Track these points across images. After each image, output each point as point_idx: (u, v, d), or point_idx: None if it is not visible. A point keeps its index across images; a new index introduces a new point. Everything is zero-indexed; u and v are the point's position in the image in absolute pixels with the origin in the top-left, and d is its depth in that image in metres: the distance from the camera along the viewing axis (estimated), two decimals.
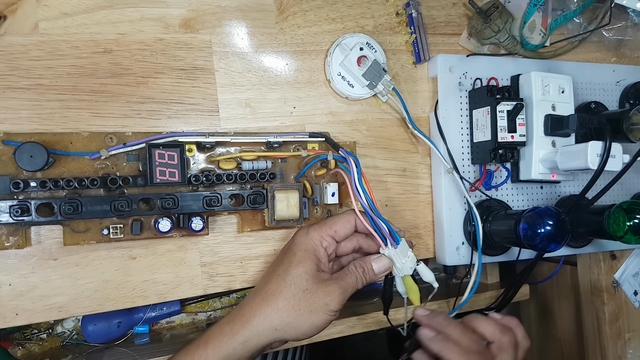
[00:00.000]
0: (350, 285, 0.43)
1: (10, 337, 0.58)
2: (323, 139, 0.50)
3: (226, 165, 0.47)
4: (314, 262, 0.42)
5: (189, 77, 0.48)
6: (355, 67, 0.50)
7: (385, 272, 0.45)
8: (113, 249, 0.46)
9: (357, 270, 0.43)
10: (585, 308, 0.70)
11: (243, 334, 0.40)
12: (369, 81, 0.50)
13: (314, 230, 0.44)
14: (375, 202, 0.44)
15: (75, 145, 0.44)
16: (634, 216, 0.50)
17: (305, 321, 0.41)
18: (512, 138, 0.52)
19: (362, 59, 0.50)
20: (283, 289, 0.41)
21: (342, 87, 0.51)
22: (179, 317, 0.65)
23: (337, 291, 0.41)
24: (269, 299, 0.41)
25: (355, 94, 0.51)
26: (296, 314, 0.41)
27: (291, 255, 0.43)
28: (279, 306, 0.41)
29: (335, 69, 0.51)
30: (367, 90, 0.51)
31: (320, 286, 0.41)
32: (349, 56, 0.50)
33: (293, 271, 0.42)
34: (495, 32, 0.55)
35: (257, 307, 0.41)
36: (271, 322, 0.41)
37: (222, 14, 0.50)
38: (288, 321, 0.41)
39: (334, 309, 0.41)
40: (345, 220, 0.45)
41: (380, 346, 1.04)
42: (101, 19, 0.46)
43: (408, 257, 0.45)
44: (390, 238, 0.44)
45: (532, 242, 0.47)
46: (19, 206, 0.41)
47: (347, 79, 0.51)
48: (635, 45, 0.65)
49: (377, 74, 0.50)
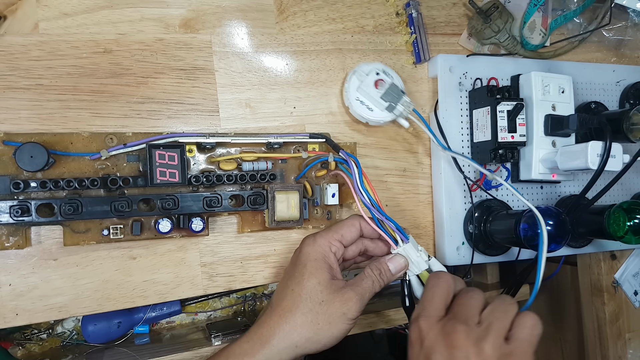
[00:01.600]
0: (367, 289, 0.42)
1: (10, 337, 0.58)
2: (323, 140, 0.50)
3: (226, 166, 0.47)
4: (326, 271, 0.42)
5: (189, 77, 0.48)
6: (373, 90, 0.49)
7: (402, 270, 0.44)
8: (113, 249, 0.46)
9: (373, 272, 0.42)
10: (585, 308, 0.70)
11: (263, 354, 0.40)
12: (388, 103, 0.49)
13: (320, 237, 0.43)
14: (379, 202, 0.44)
15: (75, 146, 0.44)
16: (634, 216, 0.50)
17: (325, 334, 0.40)
18: (512, 138, 0.52)
19: (380, 82, 0.50)
20: (299, 304, 0.40)
21: (362, 111, 0.50)
22: (179, 317, 0.65)
23: (355, 298, 0.41)
24: (287, 316, 0.40)
25: (374, 117, 0.50)
26: (315, 329, 0.40)
27: (302, 267, 0.42)
28: (297, 322, 0.40)
29: (353, 94, 0.50)
30: (387, 113, 0.50)
31: (337, 295, 0.40)
32: (366, 80, 0.49)
33: (306, 284, 0.41)
34: (495, 32, 0.55)
35: (276, 326, 0.41)
36: (291, 340, 0.40)
37: (222, 14, 0.50)
38: (308, 337, 0.40)
39: (352, 317, 0.40)
40: (350, 224, 0.45)
41: (380, 346, 1.04)
42: (101, 19, 0.46)
43: (420, 250, 0.44)
44: (399, 234, 0.44)
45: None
46: (19, 206, 0.41)
47: (366, 103, 0.50)
48: (635, 45, 0.65)
49: (395, 95, 0.49)
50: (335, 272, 0.43)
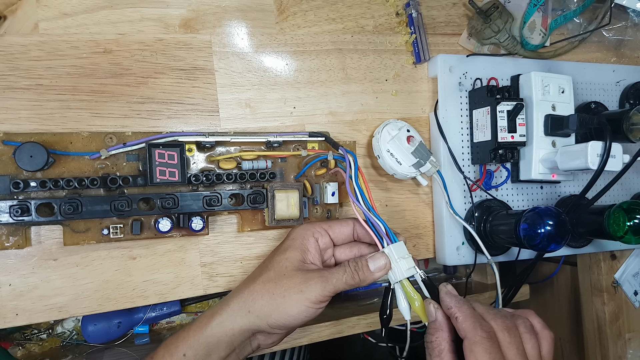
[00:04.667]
0: (336, 278, 0.40)
1: (10, 337, 0.58)
2: (323, 138, 0.50)
3: (226, 164, 0.47)
4: (299, 251, 0.42)
5: (189, 77, 0.48)
6: (406, 144, 0.51)
7: (381, 270, 0.41)
8: (113, 249, 0.46)
9: (349, 265, 0.41)
10: (585, 308, 0.70)
11: (220, 314, 0.40)
12: (417, 159, 0.51)
13: (309, 224, 0.44)
14: (371, 200, 0.44)
15: (75, 145, 0.44)
16: (634, 216, 0.50)
17: (277, 307, 0.39)
18: (512, 138, 0.52)
19: (411, 138, 0.51)
20: (263, 273, 0.41)
21: (391, 163, 0.51)
22: (179, 317, 0.65)
23: (317, 280, 0.39)
24: (248, 282, 0.42)
25: (402, 170, 0.51)
26: (269, 297, 0.40)
27: (280, 244, 0.44)
28: (256, 288, 0.41)
29: (384, 146, 0.51)
30: (414, 169, 0.51)
31: (300, 273, 0.40)
32: (399, 134, 0.51)
33: (276, 257, 0.42)
34: (495, 32, 0.55)
35: (237, 290, 0.42)
36: (245, 304, 0.40)
37: (222, 14, 0.50)
38: (261, 304, 0.40)
39: (310, 297, 0.39)
40: (343, 221, 0.45)
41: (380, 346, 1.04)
42: (101, 19, 0.46)
43: (405, 258, 0.42)
44: (386, 237, 0.42)
45: (532, 242, 0.47)
46: (19, 206, 0.41)
47: (396, 156, 0.51)
48: (635, 45, 0.65)
49: (425, 153, 0.51)
50: (311, 256, 0.42)
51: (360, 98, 0.54)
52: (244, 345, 0.42)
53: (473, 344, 0.35)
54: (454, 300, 0.38)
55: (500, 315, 0.38)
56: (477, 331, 0.36)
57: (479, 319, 0.37)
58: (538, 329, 0.39)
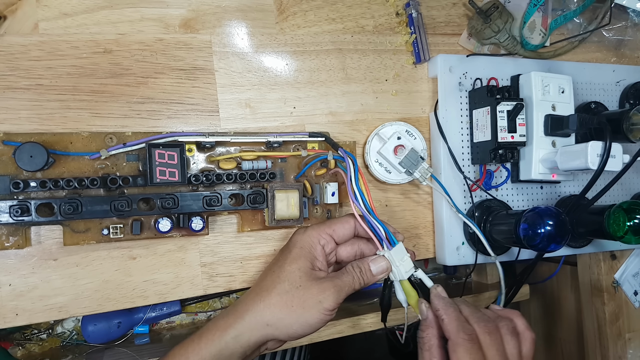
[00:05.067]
0: (346, 284, 0.42)
1: (10, 337, 0.58)
2: (323, 138, 0.50)
3: (226, 165, 0.47)
4: (308, 260, 0.42)
5: (188, 77, 0.48)
6: (392, 156, 0.52)
7: (383, 273, 0.44)
8: (113, 249, 0.46)
9: (354, 270, 0.43)
10: (585, 308, 0.70)
11: (235, 328, 0.40)
12: (405, 169, 0.51)
13: (311, 228, 0.44)
14: (371, 203, 0.44)
15: (75, 145, 0.44)
16: (634, 216, 0.50)
17: (297, 318, 0.40)
18: (512, 138, 0.52)
19: (399, 148, 0.52)
20: (277, 285, 0.41)
21: (380, 173, 0.53)
22: (179, 317, 0.65)
23: (332, 289, 0.41)
24: (263, 295, 0.41)
25: (392, 179, 0.53)
26: (288, 310, 0.40)
27: (287, 252, 0.43)
28: (272, 302, 0.41)
29: (373, 156, 0.52)
30: (405, 177, 0.52)
31: (315, 283, 0.41)
32: (386, 145, 0.51)
33: (287, 268, 0.42)
34: (495, 32, 0.55)
35: (251, 302, 0.41)
36: (263, 317, 0.41)
37: (222, 14, 0.50)
38: (280, 317, 0.40)
39: (327, 307, 0.41)
40: (344, 221, 0.45)
41: (380, 346, 1.04)
42: (101, 19, 0.46)
43: (404, 260, 0.43)
44: (386, 240, 0.44)
45: (532, 242, 0.47)
46: (19, 206, 0.41)
47: (385, 165, 0.53)
48: (635, 45, 0.65)
49: (413, 162, 0.51)
50: (319, 263, 0.43)
51: (360, 98, 0.54)
52: (255, 352, 0.43)
53: (456, 344, 0.39)
54: (442, 302, 0.42)
55: (483, 319, 0.41)
56: (459, 333, 0.39)
57: (462, 322, 0.40)
58: (520, 329, 0.42)
